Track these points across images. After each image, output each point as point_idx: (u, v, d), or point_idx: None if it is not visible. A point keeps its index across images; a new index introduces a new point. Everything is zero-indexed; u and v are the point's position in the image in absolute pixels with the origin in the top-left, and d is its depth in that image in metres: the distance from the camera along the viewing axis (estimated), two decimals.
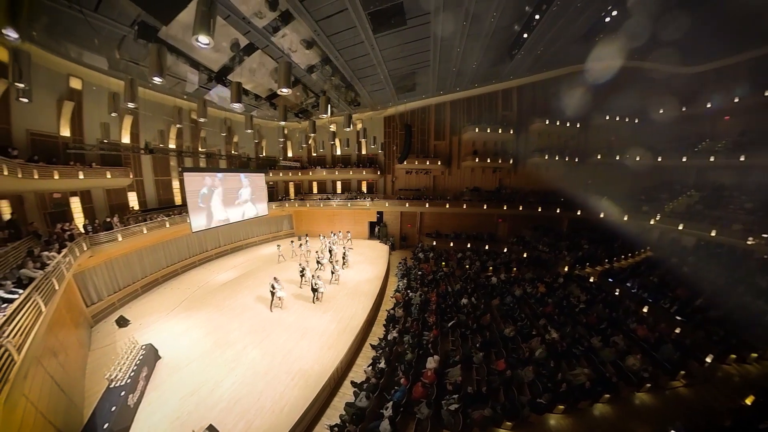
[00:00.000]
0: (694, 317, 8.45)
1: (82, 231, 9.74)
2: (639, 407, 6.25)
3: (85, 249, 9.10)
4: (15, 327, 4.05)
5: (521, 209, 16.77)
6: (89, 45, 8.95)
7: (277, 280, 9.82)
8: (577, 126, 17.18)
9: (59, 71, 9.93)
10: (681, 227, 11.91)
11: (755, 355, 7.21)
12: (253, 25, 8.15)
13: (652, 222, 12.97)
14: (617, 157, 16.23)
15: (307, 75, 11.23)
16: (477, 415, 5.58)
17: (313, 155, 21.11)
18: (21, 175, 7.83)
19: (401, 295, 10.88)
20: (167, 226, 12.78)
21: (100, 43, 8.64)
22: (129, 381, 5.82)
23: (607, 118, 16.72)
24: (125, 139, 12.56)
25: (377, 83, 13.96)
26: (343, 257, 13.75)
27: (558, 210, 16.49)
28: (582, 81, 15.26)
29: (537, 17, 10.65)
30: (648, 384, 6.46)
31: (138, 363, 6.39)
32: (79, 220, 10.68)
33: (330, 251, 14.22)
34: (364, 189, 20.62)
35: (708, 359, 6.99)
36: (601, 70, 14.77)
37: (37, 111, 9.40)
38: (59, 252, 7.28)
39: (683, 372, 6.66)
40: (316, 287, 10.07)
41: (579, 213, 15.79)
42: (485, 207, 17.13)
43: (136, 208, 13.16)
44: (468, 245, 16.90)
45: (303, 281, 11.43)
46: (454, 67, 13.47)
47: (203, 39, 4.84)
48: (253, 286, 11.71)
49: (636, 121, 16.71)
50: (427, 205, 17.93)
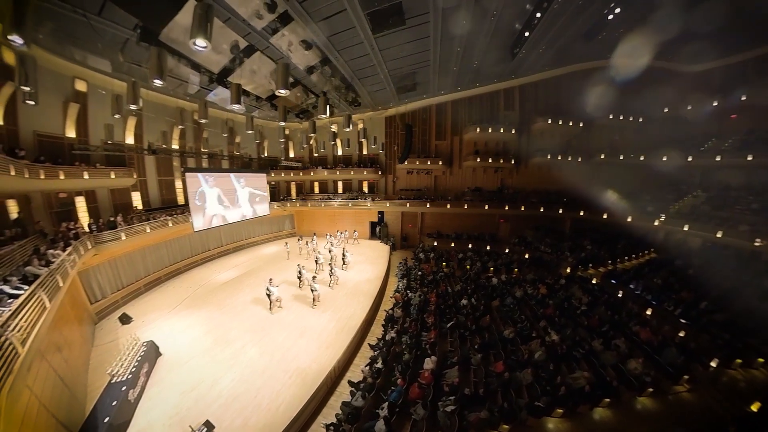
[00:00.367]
0: (698, 320, 8.27)
1: (86, 230, 9.90)
2: (640, 412, 6.11)
3: (90, 247, 9.28)
4: (20, 321, 4.21)
5: (523, 209, 16.59)
6: (93, 48, 9.10)
7: (272, 281, 9.88)
8: (580, 125, 16.95)
9: (65, 74, 10.13)
10: (686, 228, 11.68)
11: (762, 360, 7.02)
12: (253, 27, 8.19)
13: (656, 223, 12.75)
14: (621, 157, 15.98)
15: (308, 76, 11.26)
16: (473, 418, 5.52)
17: (315, 155, 21.17)
18: (28, 176, 8.00)
19: (401, 296, 10.85)
20: (170, 225, 12.94)
21: (103, 46, 8.78)
22: (130, 377, 5.95)
23: (611, 117, 16.48)
24: (129, 140, 12.74)
25: (377, 83, 13.95)
26: (343, 258, 13.75)
27: (561, 210, 16.30)
28: (585, 80, 15.07)
29: (538, 15, 10.55)
30: (650, 388, 6.32)
31: (139, 359, 6.52)
32: (84, 219, 10.86)
33: (330, 251, 14.26)
34: (365, 189, 20.63)
35: (713, 364, 6.82)
36: (604, 68, 14.58)
37: (44, 113, 9.59)
38: (64, 250, 7.42)
39: (687, 376, 6.50)
40: (312, 289, 10.10)
41: (582, 213, 15.59)
42: (486, 207, 17.00)
43: (139, 207, 13.35)
44: (469, 246, 16.79)
45: (301, 282, 11.49)
46: (454, 67, 13.41)
47: (200, 42, 4.93)
48: (254, 285, 11.80)
49: (640, 120, 16.45)
50: (428, 206, 17.87)
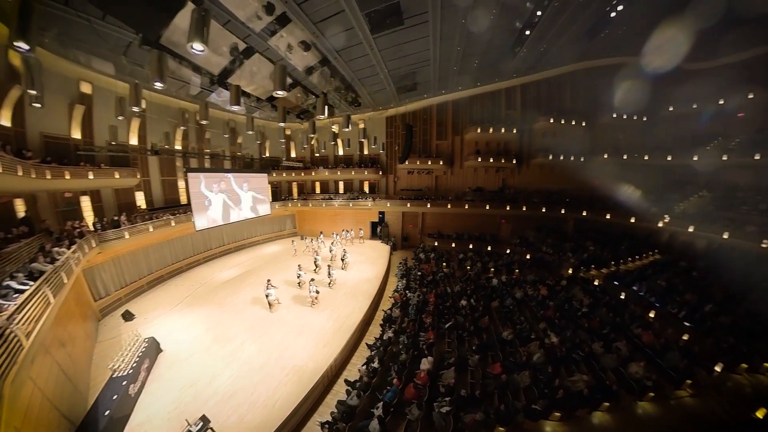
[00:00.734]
0: (703, 323, 8.08)
1: (91, 229, 10.09)
2: (641, 417, 5.98)
3: (94, 246, 9.47)
4: (25, 315, 4.36)
5: (524, 209, 16.43)
6: (97, 51, 9.29)
7: (270, 283, 10.07)
8: (583, 124, 16.73)
9: (70, 76, 10.31)
10: (692, 229, 11.44)
11: None
12: (252, 29, 8.26)
13: (660, 224, 12.51)
14: (625, 156, 15.73)
15: (307, 76, 11.32)
16: (469, 419, 5.48)
17: (316, 155, 21.27)
18: (35, 176, 8.18)
19: (399, 296, 10.82)
20: (173, 224, 13.11)
21: (106, 50, 8.96)
22: (131, 372, 6.11)
23: (614, 116, 16.22)
24: (133, 141, 12.94)
25: (378, 83, 13.95)
26: (342, 258, 13.78)
27: (563, 210, 16.10)
28: (587, 78, 14.86)
29: (539, 13, 10.44)
30: (651, 393, 6.19)
31: (140, 355, 6.68)
32: (89, 218, 11.06)
33: (330, 251, 14.31)
34: (366, 189, 20.65)
35: (717, 368, 6.65)
36: (607, 66, 14.36)
37: (50, 115, 9.80)
38: (69, 248, 7.59)
39: (690, 381, 6.35)
40: (310, 290, 10.18)
41: (585, 213, 15.37)
42: (488, 207, 16.88)
43: (143, 206, 13.55)
44: (470, 246, 16.68)
45: (300, 282, 11.56)
46: (455, 66, 13.34)
47: (198, 46, 5.05)
48: (255, 284, 11.89)
49: (644, 119, 16.16)
50: (429, 206, 17.81)
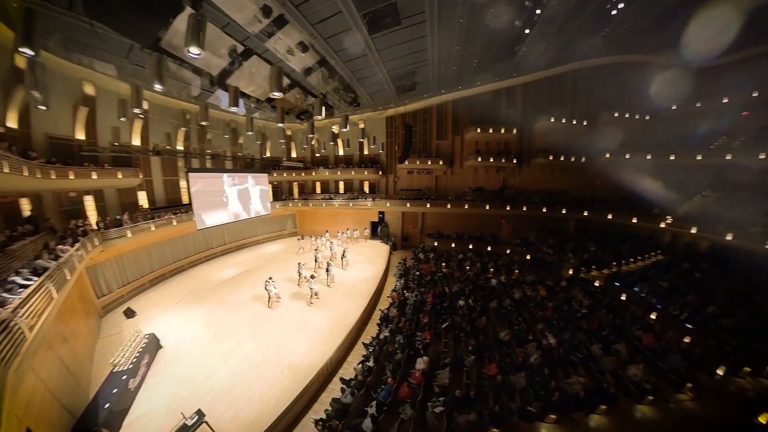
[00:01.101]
0: (705, 325, 7.93)
1: (94, 227, 10.29)
2: (640, 421, 5.88)
3: (97, 244, 9.67)
4: (28, 309, 4.53)
5: (525, 209, 16.31)
6: (100, 54, 9.47)
7: (272, 279, 10.20)
8: (584, 124, 16.56)
9: (74, 76, 10.50)
10: (694, 231, 11.24)
11: None
12: (250, 31, 8.33)
13: (662, 225, 12.32)
14: (627, 156, 15.52)
15: (306, 77, 11.39)
16: (462, 420, 5.45)
17: (316, 156, 21.37)
18: (40, 176, 8.38)
19: (397, 295, 10.81)
20: (174, 223, 13.29)
21: (109, 52, 9.12)
22: (131, 367, 6.28)
23: (616, 115, 16.03)
24: (136, 142, 13.15)
25: (377, 84, 13.96)
26: (342, 257, 13.83)
27: (564, 210, 15.95)
28: (589, 77, 14.70)
29: (538, 12, 10.37)
30: (650, 396, 6.10)
31: (140, 351, 6.85)
32: (93, 217, 11.26)
33: (330, 250, 14.37)
34: (366, 189, 20.69)
35: (719, 371, 6.52)
36: (608, 65, 14.20)
37: (55, 116, 10.00)
38: (72, 246, 7.79)
39: (690, 384, 6.24)
40: (310, 287, 10.25)
41: (586, 214, 15.20)
42: (487, 207, 16.78)
43: (145, 206, 13.75)
44: (470, 246, 16.60)
45: (300, 279, 11.62)
46: (454, 66, 13.30)
47: (194, 50, 5.19)
48: (255, 282, 11.98)
49: (647, 118, 15.93)
50: (428, 206, 17.76)
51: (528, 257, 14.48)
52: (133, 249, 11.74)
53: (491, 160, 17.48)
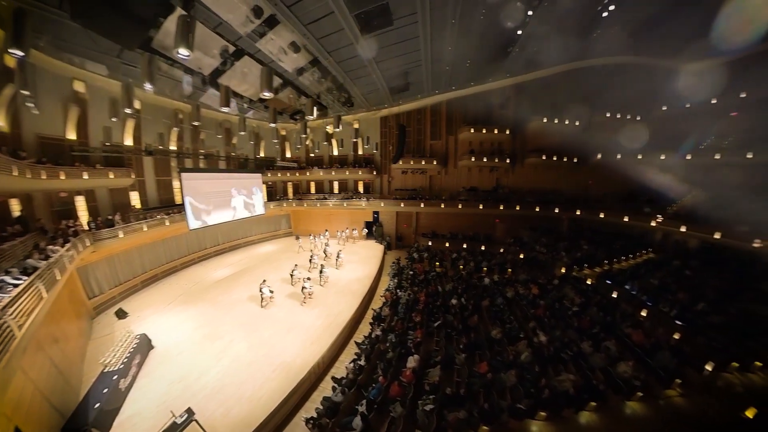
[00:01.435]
0: (694, 322, 8.01)
1: (86, 228, 10.19)
2: (629, 417, 5.90)
3: (88, 244, 9.57)
4: (17, 308, 4.59)
5: (518, 209, 16.41)
6: (91, 54, 9.41)
7: (265, 281, 10.24)
8: (576, 124, 16.73)
9: (65, 75, 10.37)
10: (684, 229, 11.38)
11: (760, 364, 6.74)
12: (242, 32, 8.31)
13: (653, 224, 12.45)
14: (618, 156, 15.69)
15: (299, 77, 11.39)
16: (452, 417, 5.45)
17: (311, 156, 21.35)
18: (30, 176, 8.29)
19: (390, 294, 10.81)
20: (167, 224, 13.19)
21: (101, 52, 9.07)
22: (122, 367, 6.30)
23: (608, 115, 16.21)
24: (128, 142, 13.05)
25: (370, 84, 14.01)
26: (337, 257, 13.80)
27: (557, 210, 16.06)
28: (580, 78, 14.85)
29: (529, 13, 10.48)
30: (639, 393, 6.13)
31: (132, 351, 6.86)
32: (84, 217, 11.15)
33: (324, 251, 14.35)
34: (360, 189, 20.70)
35: (708, 367, 6.57)
36: (600, 66, 14.37)
37: (45, 116, 9.87)
38: (63, 246, 7.72)
39: (679, 380, 6.28)
40: (304, 287, 10.22)
41: (578, 213, 15.33)
42: (481, 207, 16.84)
43: (138, 206, 13.63)
44: (464, 246, 16.65)
45: (293, 280, 11.58)
46: (447, 66, 13.38)
47: (183, 51, 5.23)
48: (248, 282, 11.94)
49: (638, 119, 16.13)
50: (422, 205, 17.79)
51: (521, 256, 14.54)
52: (125, 250, 11.64)
53: (485, 160, 17.57)
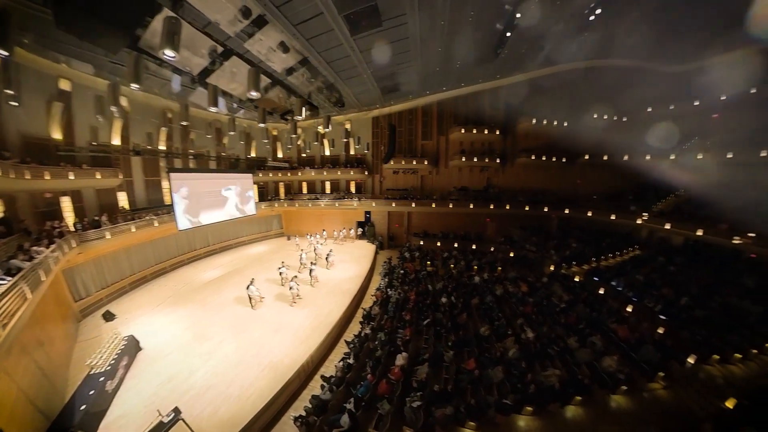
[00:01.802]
0: (678, 317, 8.18)
1: (71, 229, 9.95)
2: (614, 410, 5.99)
3: (74, 246, 9.35)
4: (1, 308, 4.48)
5: (508, 208, 16.59)
6: (78, 53, 9.19)
7: (253, 281, 10.12)
8: (565, 125, 17.04)
9: (49, 73, 10.10)
10: (668, 226, 11.68)
11: (739, 356, 6.92)
12: (231, 32, 8.21)
13: (639, 221, 12.75)
14: (605, 157, 16.04)
15: (288, 77, 11.32)
16: (439, 414, 5.44)
17: (302, 156, 21.23)
18: (14, 176, 8.08)
19: (381, 293, 10.77)
20: (155, 224, 12.92)
21: (87, 50, 8.85)
22: (109, 368, 6.25)
23: (595, 116, 16.57)
24: (116, 141, 12.75)
25: (361, 84, 14.02)
26: (327, 258, 13.71)
27: (546, 209, 16.30)
28: (569, 80, 15.15)
29: (518, 15, 10.65)
30: (624, 386, 6.21)
31: (119, 352, 6.79)
32: (70, 219, 10.86)
33: (314, 250, 14.25)
34: (352, 189, 20.66)
35: (690, 360, 6.71)
36: (587, 69, 14.69)
37: (29, 114, 9.64)
38: (48, 248, 7.54)
39: (662, 373, 6.39)
40: (291, 287, 10.13)
41: (567, 212, 15.58)
42: (471, 206, 16.97)
43: (126, 207, 13.31)
44: (455, 245, 16.73)
45: (283, 280, 11.46)
46: (437, 67, 13.49)
47: (169, 53, 5.18)
48: (238, 283, 11.77)
49: (624, 120, 16.53)
50: (413, 205, 17.83)
51: (511, 255, 14.68)
52: (113, 251, 11.39)
53: (475, 159, 17.73)
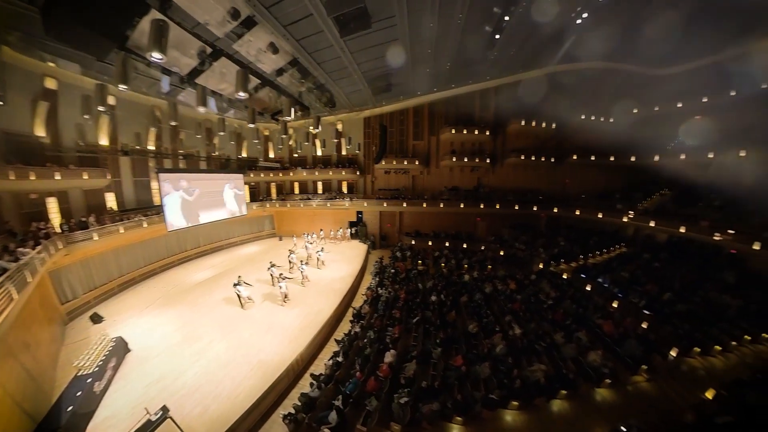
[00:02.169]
0: (661, 311, 8.37)
1: (58, 230, 9.74)
2: (599, 403, 6.07)
3: (61, 247, 9.17)
4: None
5: (498, 208, 16.79)
6: (64, 52, 9.03)
7: (240, 277, 10.05)
8: (553, 126, 17.37)
9: (34, 71, 9.91)
10: (653, 224, 11.97)
11: (719, 348, 7.11)
12: (220, 33, 8.15)
13: (625, 219, 13.04)
14: (593, 158, 16.38)
15: (279, 78, 11.30)
16: (426, 409, 5.46)
17: (294, 156, 21.15)
18: None
19: (371, 292, 10.76)
20: (144, 225, 12.69)
21: (74, 51, 8.70)
22: (96, 370, 6.21)
23: (583, 117, 16.93)
24: (104, 141, 12.51)
25: (352, 84, 14.08)
26: (317, 258, 13.65)
27: (535, 208, 16.54)
28: (557, 82, 15.47)
29: (506, 18, 10.83)
30: (608, 380, 6.31)
31: (107, 354, 6.74)
32: (56, 220, 10.62)
33: (306, 249, 14.17)
34: (344, 189, 20.64)
35: (672, 353, 6.87)
36: (576, 71, 15.03)
37: (14, 113, 9.45)
38: (34, 249, 7.41)
39: (645, 367, 6.52)
40: (280, 287, 10.05)
41: (556, 210, 15.85)
42: (462, 206, 17.12)
43: (114, 208, 13.04)
44: (446, 244, 16.82)
45: (273, 280, 11.35)
46: (427, 68, 13.63)
47: (156, 55, 5.14)
48: (229, 284, 11.52)
49: (611, 121, 16.93)
50: (405, 205, 17.90)
51: (501, 253, 14.83)
52: (101, 252, 11.15)
53: (466, 160, 17.90)
